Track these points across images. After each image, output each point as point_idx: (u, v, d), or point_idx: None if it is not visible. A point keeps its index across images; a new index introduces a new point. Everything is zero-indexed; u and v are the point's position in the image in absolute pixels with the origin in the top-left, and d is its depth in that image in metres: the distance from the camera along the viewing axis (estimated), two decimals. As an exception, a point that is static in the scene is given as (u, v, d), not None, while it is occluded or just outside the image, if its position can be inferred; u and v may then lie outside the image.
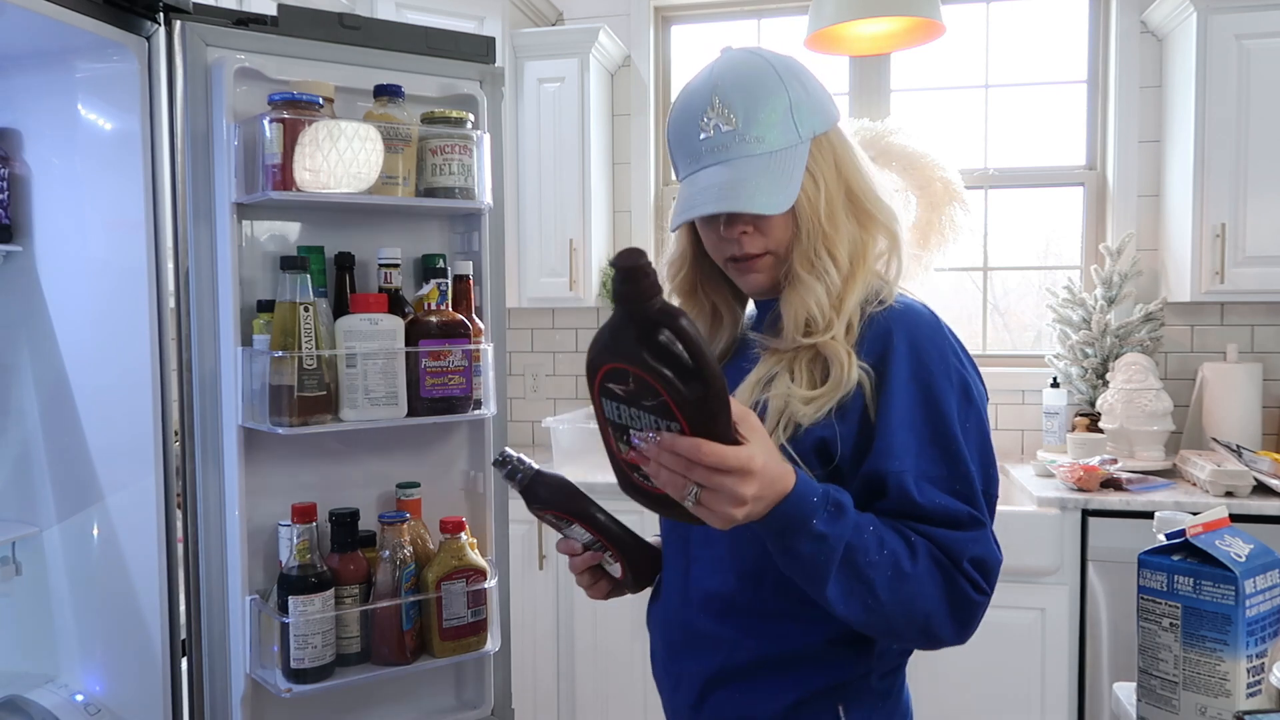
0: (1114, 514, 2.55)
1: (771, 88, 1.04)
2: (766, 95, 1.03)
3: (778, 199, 1.02)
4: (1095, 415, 2.91)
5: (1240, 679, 1.15)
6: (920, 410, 0.99)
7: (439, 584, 1.64)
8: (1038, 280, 3.34)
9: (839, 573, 0.92)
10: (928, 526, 0.96)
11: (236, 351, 1.57)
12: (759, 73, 1.04)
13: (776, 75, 1.04)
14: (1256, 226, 2.73)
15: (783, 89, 1.04)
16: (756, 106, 1.03)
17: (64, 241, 1.65)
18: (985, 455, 1.01)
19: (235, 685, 1.61)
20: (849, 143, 1.08)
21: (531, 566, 2.91)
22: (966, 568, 0.96)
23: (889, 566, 0.93)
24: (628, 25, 3.41)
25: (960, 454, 0.98)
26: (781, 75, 1.05)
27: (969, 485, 0.98)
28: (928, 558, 0.95)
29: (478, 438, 1.79)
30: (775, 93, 1.03)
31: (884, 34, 2.75)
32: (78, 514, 1.67)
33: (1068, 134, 3.26)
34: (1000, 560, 0.98)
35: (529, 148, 3.16)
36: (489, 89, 1.76)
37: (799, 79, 1.06)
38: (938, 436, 0.98)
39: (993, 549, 0.98)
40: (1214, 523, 1.23)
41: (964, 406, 1.00)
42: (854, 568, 0.92)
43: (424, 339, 1.62)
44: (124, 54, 1.52)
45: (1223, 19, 2.71)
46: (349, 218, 1.72)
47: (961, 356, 1.03)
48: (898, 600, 0.94)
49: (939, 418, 0.99)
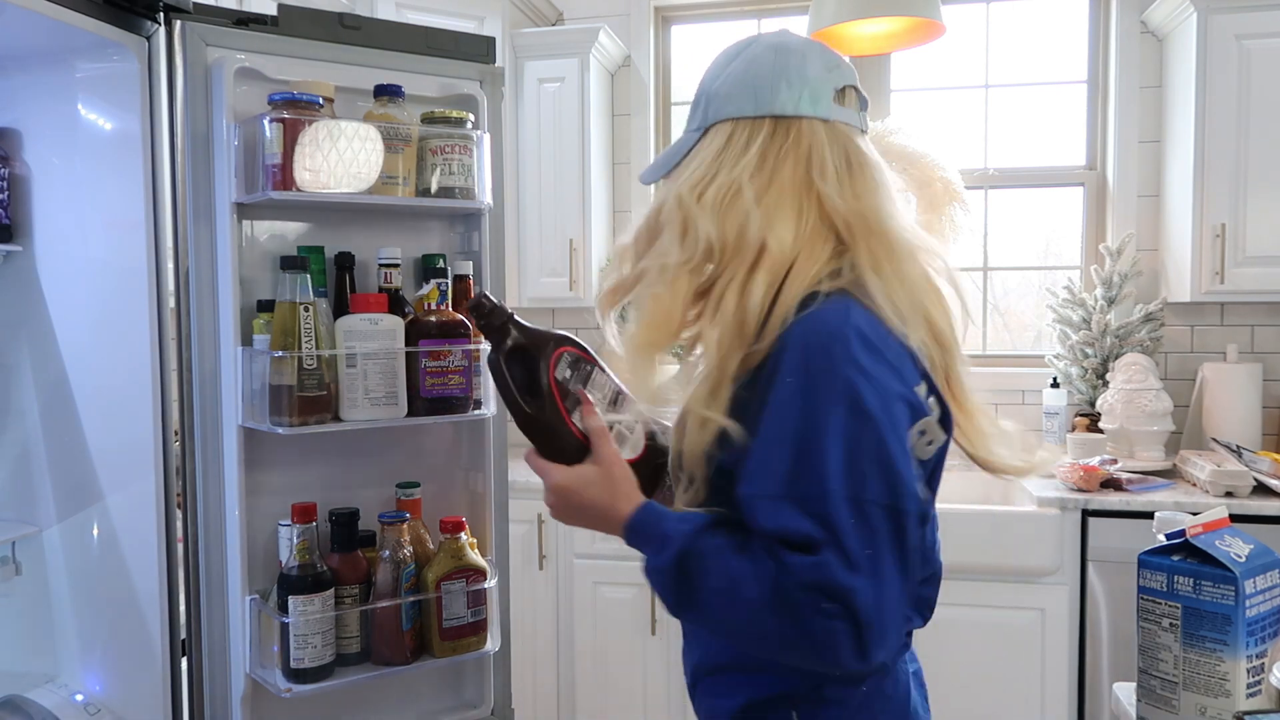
0: (1114, 514, 2.55)
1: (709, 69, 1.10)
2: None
3: (651, 173, 1.11)
4: (1095, 415, 2.91)
5: (1240, 679, 1.15)
6: (789, 427, 0.93)
7: (439, 584, 1.64)
8: (1038, 280, 3.34)
9: (680, 601, 0.97)
10: (782, 550, 0.91)
11: (236, 351, 1.56)
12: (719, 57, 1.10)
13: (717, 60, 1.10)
14: (1256, 226, 2.73)
15: (708, 73, 1.10)
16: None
17: (64, 241, 1.65)
18: (876, 468, 0.91)
19: (235, 685, 1.61)
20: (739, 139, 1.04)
21: (531, 566, 2.91)
22: (808, 593, 0.89)
23: (726, 594, 0.93)
24: (628, 25, 3.41)
25: (823, 472, 0.90)
26: (717, 60, 1.09)
27: (825, 505, 0.90)
28: (770, 583, 0.91)
29: (477, 438, 1.79)
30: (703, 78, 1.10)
31: (884, 34, 2.75)
32: (78, 514, 1.67)
33: (1068, 134, 3.26)
34: (848, 586, 0.88)
35: (529, 148, 3.16)
36: (489, 89, 1.76)
37: (719, 63, 1.09)
38: (801, 455, 0.92)
39: (835, 574, 0.88)
40: (1214, 523, 1.23)
41: (849, 420, 0.91)
42: (690, 595, 0.96)
43: (424, 339, 1.62)
44: (124, 54, 1.52)
45: (1223, 19, 2.71)
46: (349, 218, 1.72)
47: (860, 364, 0.93)
48: (744, 626, 0.94)
49: (806, 435, 0.92)
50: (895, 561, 0.91)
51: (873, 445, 0.91)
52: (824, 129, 1.04)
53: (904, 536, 0.91)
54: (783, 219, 1.00)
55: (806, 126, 1.04)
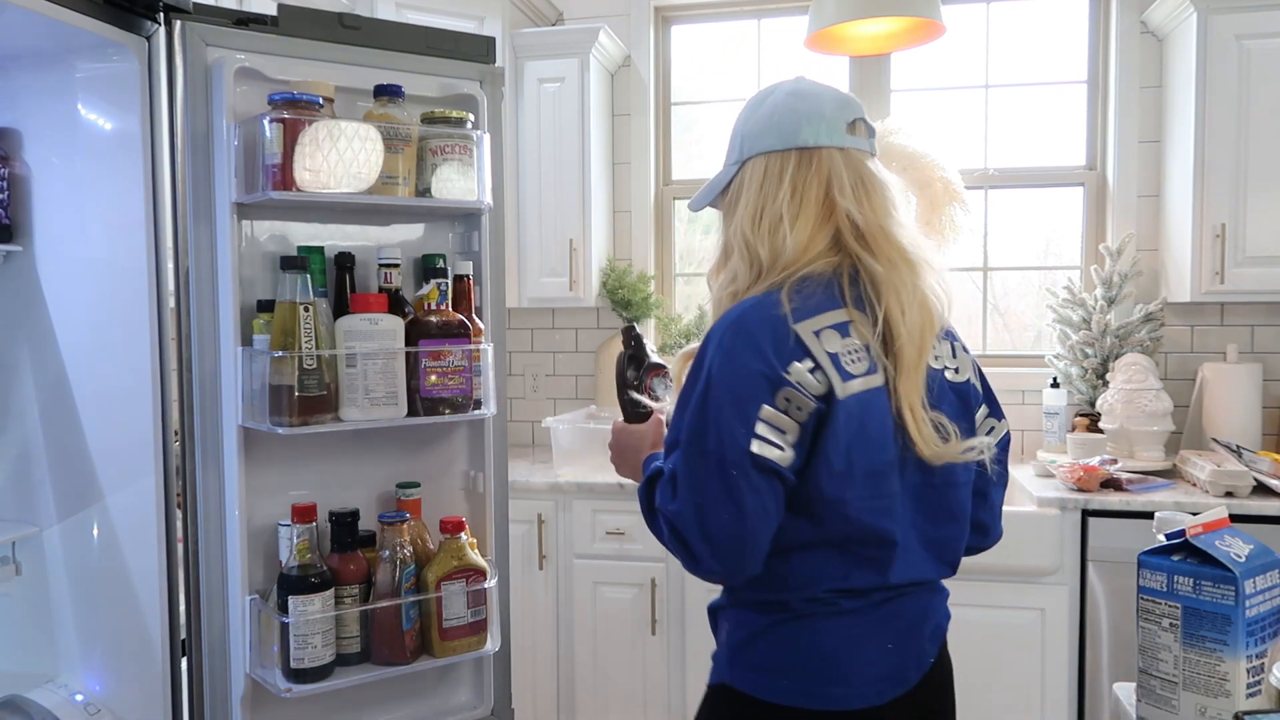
0: (1114, 514, 2.55)
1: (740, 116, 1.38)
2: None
3: (698, 201, 1.40)
4: (1095, 415, 2.91)
5: (1240, 679, 1.15)
6: (680, 393, 1.26)
7: (439, 584, 1.64)
8: (1038, 280, 3.34)
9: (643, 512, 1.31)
10: (653, 483, 1.28)
11: (236, 351, 1.57)
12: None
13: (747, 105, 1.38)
14: (1256, 226, 2.73)
15: (740, 117, 1.37)
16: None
17: (64, 241, 1.65)
18: (713, 426, 1.18)
19: (235, 685, 1.61)
20: (774, 170, 1.31)
21: (531, 566, 2.91)
22: (653, 515, 1.26)
23: (645, 513, 1.29)
24: (628, 25, 3.41)
25: (678, 425, 1.22)
26: (746, 106, 1.37)
27: (673, 450, 1.22)
28: (644, 506, 1.29)
29: (478, 438, 1.79)
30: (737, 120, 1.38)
31: (884, 34, 2.75)
32: (78, 514, 1.67)
33: (1068, 134, 3.26)
34: (674, 510, 1.19)
35: (529, 148, 3.16)
36: (489, 89, 1.76)
37: (749, 109, 1.36)
38: (676, 413, 1.24)
39: (665, 502, 1.21)
40: (1214, 523, 1.23)
41: (701, 389, 1.20)
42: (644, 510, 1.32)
43: (424, 339, 1.62)
44: (124, 54, 1.52)
45: (1223, 19, 2.71)
46: (349, 218, 1.72)
47: (722, 345, 1.20)
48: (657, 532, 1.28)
49: (680, 399, 1.24)
50: (721, 497, 1.16)
51: (713, 408, 1.18)
52: (840, 155, 1.29)
53: (728, 478, 1.16)
54: (806, 231, 1.28)
55: (825, 155, 1.28)
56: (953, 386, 1.31)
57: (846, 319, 1.23)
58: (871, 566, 1.24)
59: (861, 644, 1.25)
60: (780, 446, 1.18)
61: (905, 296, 1.24)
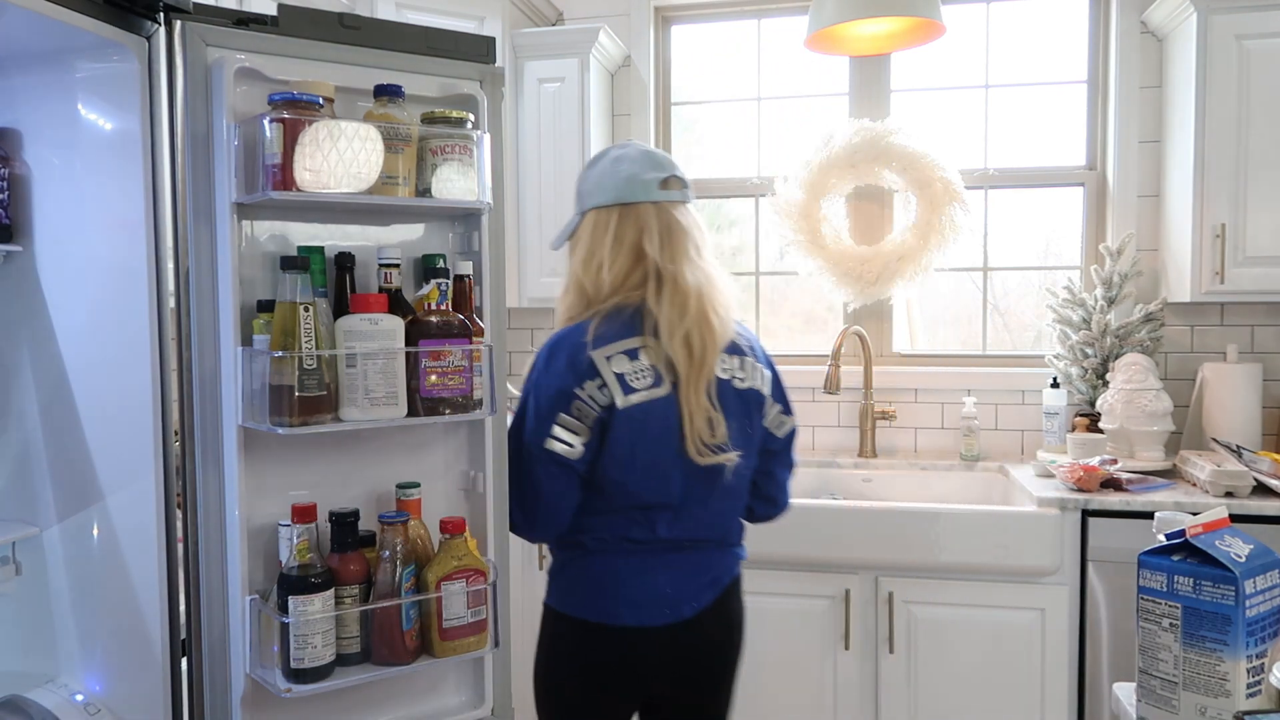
0: (1114, 514, 2.55)
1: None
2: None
3: (556, 242, 1.85)
4: (1095, 415, 2.91)
5: (1240, 679, 1.15)
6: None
7: (439, 584, 1.64)
8: (1038, 280, 3.34)
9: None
10: None
11: (236, 351, 1.56)
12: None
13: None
14: (1256, 226, 2.73)
15: (580, 176, 1.81)
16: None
17: (64, 241, 1.65)
18: (525, 422, 1.68)
19: (235, 685, 1.61)
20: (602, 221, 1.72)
21: (531, 566, 2.91)
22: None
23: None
24: (628, 25, 3.41)
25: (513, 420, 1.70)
26: (586, 166, 1.81)
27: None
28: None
29: (478, 438, 1.79)
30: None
31: (884, 34, 2.75)
32: (78, 514, 1.67)
33: (1068, 134, 3.26)
34: (509, 489, 1.71)
35: (529, 148, 3.16)
36: (489, 89, 1.76)
37: (585, 170, 1.80)
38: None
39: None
40: (1214, 523, 1.23)
41: (524, 397, 1.71)
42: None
43: (424, 339, 1.62)
44: (124, 54, 1.52)
45: (1223, 19, 2.71)
46: (349, 218, 1.72)
47: (538, 365, 1.70)
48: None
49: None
50: (526, 480, 1.67)
51: (529, 411, 1.67)
52: (654, 209, 1.69)
53: (523, 463, 1.67)
54: (621, 271, 1.68)
55: (642, 209, 1.68)
56: (737, 392, 1.69)
57: (639, 345, 1.62)
58: (645, 524, 1.67)
59: (635, 577, 1.68)
60: (571, 444, 1.62)
61: (689, 326, 1.61)
